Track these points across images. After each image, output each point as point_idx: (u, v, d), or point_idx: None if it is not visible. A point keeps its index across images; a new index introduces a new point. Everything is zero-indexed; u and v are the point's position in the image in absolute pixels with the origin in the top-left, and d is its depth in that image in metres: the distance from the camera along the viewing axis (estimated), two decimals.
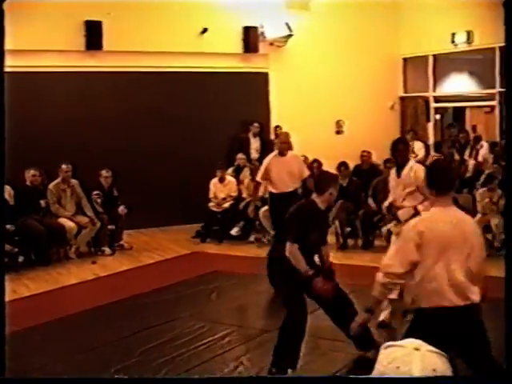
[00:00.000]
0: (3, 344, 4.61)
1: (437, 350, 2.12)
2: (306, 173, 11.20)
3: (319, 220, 6.99)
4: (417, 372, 2.05)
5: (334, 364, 7.09)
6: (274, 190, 10.91)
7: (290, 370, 6.74)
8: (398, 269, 5.06)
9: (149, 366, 7.10)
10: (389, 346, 2.16)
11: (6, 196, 11.08)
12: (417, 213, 7.56)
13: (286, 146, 11.00)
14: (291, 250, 6.66)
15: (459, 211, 5.29)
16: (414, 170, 8.07)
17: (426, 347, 2.12)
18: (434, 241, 4.98)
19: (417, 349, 2.10)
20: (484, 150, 15.24)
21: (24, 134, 12.57)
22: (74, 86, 14.30)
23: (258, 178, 11.22)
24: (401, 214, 8.04)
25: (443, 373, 2.08)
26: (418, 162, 15.13)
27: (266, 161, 11.07)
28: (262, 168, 11.04)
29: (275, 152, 11.04)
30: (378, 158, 14.41)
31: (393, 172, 8.40)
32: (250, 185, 14.00)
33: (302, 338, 6.82)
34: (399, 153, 8.28)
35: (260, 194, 12.25)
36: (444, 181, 5.23)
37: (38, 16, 13.48)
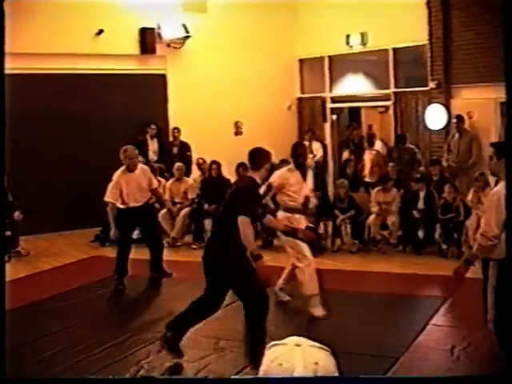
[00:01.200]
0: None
1: (319, 345, 2.16)
2: (155, 184, 11.03)
3: (260, 195, 7.64)
4: (299, 366, 2.09)
5: (233, 365, 7.12)
6: (122, 206, 10.44)
7: (169, 333, 7.24)
8: (494, 231, 6.13)
9: (48, 373, 7.00)
10: (272, 346, 2.19)
11: None
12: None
13: (134, 162, 10.56)
14: (245, 223, 6.79)
15: None
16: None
17: (307, 343, 2.16)
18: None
19: (298, 345, 2.14)
20: (377, 149, 15.59)
21: None
22: None
23: (110, 198, 10.42)
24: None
25: (326, 366, 2.12)
26: (317, 162, 15.54)
27: (114, 179, 10.49)
28: (112, 187, 10.43)
29: (123, 168, 10.48)
30: (276, 157, 14.50)
31: (296, 174, 9.13)
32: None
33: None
34: (300, 156, 9.29)
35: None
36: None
37: None
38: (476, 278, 7.44)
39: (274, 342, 2.19)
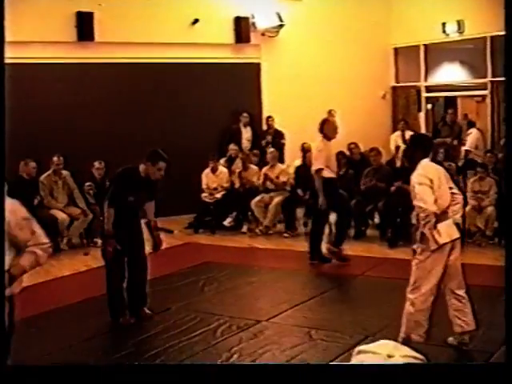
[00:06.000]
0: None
1: (414, 354, 2.04)
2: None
3: None
4: None
5: (325, 354, 7.10)
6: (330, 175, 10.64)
7: None
8: None
9: (141, 357, 7.10)
10: (360, 352, 2.08)
11: None
12: None
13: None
14: None
15: None
16: None
17: (400, 352, 2.04)
18: None
19: (390, 356, 2.01)
20: (472, 138, 15.33)
21: (14, 126, 12.51)
22: (66, 77, 14.27)
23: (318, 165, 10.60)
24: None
25: None
26: None
27: (319, 147, 10.82)
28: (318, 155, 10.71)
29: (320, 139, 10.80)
30: (368, 146, 14.39)
31: None
32: (242, 175, 14.11)
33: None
34: None
35: None
36: None
37: (28, 7, 13.43)
38: None
39: (363, 348, 2.10)
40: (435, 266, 6.75)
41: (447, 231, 6.77)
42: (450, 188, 7.02)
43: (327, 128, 10.81)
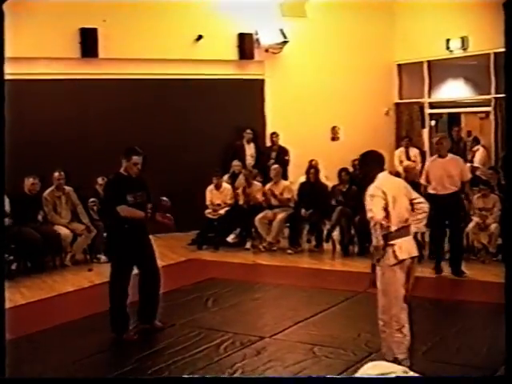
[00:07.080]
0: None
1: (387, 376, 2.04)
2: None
3: None
4: None
5: (329, 371, 7.07)
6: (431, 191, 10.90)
7: None
8: None
9: (144, 373, 7.08)
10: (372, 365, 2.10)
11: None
12: None
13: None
14: None
15: None
16: None
17: (382, 370, 2.02)
18: None
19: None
20: (480, 155, 15.32)
21: (18, 142, 12.53)
22: (70, 94, 14.31)
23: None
24: None
25: None
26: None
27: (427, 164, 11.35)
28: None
29: (435, 157, 11.22)
30: None
31: None
32: (246, 191, 14.09)
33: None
34: None
35: None
36: None
37: (32, 23, 13.49)
38: None
39: (376, 363, 2.11)
40: (398, 287, 6.65)
41: (407, 247, 6.72)
42: (413, 199, 6.96)
43: (442, 145, 11.13)
